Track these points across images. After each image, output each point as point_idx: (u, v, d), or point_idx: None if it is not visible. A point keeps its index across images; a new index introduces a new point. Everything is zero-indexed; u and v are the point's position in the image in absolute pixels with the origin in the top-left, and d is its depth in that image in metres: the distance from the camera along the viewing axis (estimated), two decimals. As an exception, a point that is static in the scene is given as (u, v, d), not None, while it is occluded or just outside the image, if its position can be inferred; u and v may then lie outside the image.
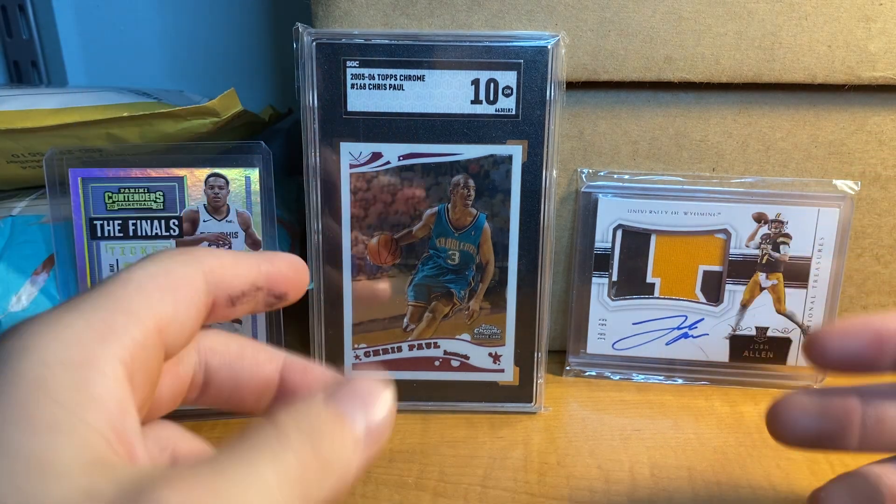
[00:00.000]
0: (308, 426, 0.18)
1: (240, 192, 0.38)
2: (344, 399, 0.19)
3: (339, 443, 0.18)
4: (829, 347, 0.26)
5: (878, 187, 0.42)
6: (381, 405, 0.19)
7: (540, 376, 0.41)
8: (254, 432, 0.17)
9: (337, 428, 0.18)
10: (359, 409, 0.19)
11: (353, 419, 0.19)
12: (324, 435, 0.18)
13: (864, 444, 0.26)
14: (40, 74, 0.65)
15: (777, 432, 0.27)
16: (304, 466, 0.17)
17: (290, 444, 0.17)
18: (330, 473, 0.18)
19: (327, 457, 0.18)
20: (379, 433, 0.19)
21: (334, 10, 0.38)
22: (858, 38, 0.38)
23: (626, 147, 0.41)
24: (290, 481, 0.17)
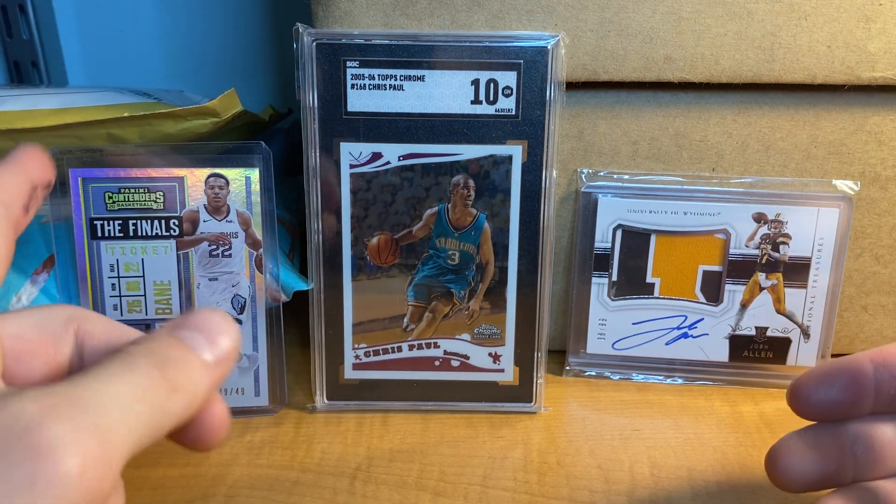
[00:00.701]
0: (155, 352, 0.20)
1: (240, 192, 0.38)
2: (188, 328, 0.21)
3: (186, 365, 0.20)
4: (811, 399, 0.27)
5: (878, 187, 0.42)
6: (226, 333, 0.21)
7: (540, 376, 0.41)
8: (104, 360, 0.19)
9: (182, 353, 0.20)
10: (203, 337, 0.21)
11: (197, 346, 0.21)
12: (170, 359, 0.20)
13: (858, 475, 0.27)
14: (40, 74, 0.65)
15: (779, 481, 0.28)
16: (152, 384, 0.19)
17: (137, 366, 0.19)
18: (179, 391, 0.19)
19: (175, 377, 0.19)
20: (225, 357, 0.21)
21: (334, 10, 0.38)
22: (858, 39, 0.38)
23: (626, 147, 0.41)
24: (140, 394, 0.18)
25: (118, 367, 0.19)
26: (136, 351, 0.19)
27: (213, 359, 0.21)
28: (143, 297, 0.38)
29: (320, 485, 0.35)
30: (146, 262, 0.38)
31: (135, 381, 0.18)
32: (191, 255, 0.38)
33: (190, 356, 0.20)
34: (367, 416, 0.41)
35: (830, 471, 0.27)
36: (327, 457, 0.37)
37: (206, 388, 0.20)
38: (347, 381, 0.41)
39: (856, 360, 0.27)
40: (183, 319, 0.21)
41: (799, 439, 0.28)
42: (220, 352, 0.21)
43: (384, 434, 0.39)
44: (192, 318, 0.21)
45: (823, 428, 0.28)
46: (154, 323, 0.38)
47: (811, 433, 0.28)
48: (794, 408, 0.28)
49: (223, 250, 0.38)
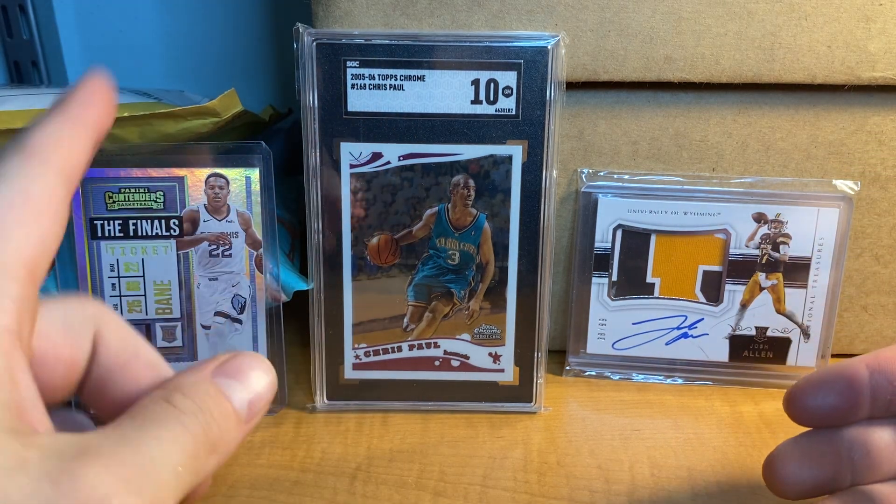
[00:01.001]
0: (203, 410, 0.19)
1: (240, 192, 0.38)
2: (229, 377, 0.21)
3: (226, 425, 0.20)
4: (807, 405, 0.28)
5: (878, 187, 0.42)
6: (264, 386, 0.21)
7: (540, 376, 0.41)
8: (153, 409, 0.19)
9: (224, 411, 0.20)
10: (243, 387, 0.21)
11: (236, 399, 0.20)
12: (214, 419, 0.19)
13: (855, 479, 0.27)
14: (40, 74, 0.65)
15: (777, 489, 0.28)
16: (197, 445, 0.19)
17: (187, 427, 0.19)
18: (217, 450, 0.19)
19: (217, 438, 0.19)
20: (258, 413, 0.21)
21: (334, 10, 0.38)
22: (858, 39, 0.38)
23: (626, 147, 0.41)
24: (187, 459, 0.18)
25: (172, 425, 0.18)
26: (187, 407, 0.19)
27: (248, 415, 0.21)
28: (143, 297, 0.38)
29: (320, 485, 0.35)
30: (146, 262, 0.38)
31: (186, 445, 0.18)
32: (191, 255, 0.38)
33: (230, 414, 0.20)
34: (367, 416, 0.41)
35: (828, 477, 0.27)
36: (327, 457, 0.37)
37: (236, 447, 0.20)
38: (347, 381, 0.41)
39: (851, 366, 0.27)
40: (225, 363, 0.21)
41: (796, 446, 0.28)
42: (255, 412, 0.21)
43: (384, 434, 0.39)
44: (234, 364, 0.21)
45: (820, 434, 0.28)
46: (154, 323, 0.38)
47: (808, 439, 0.28)
48: (791, 414, 0.28)
49: (223, 250, 0.38)
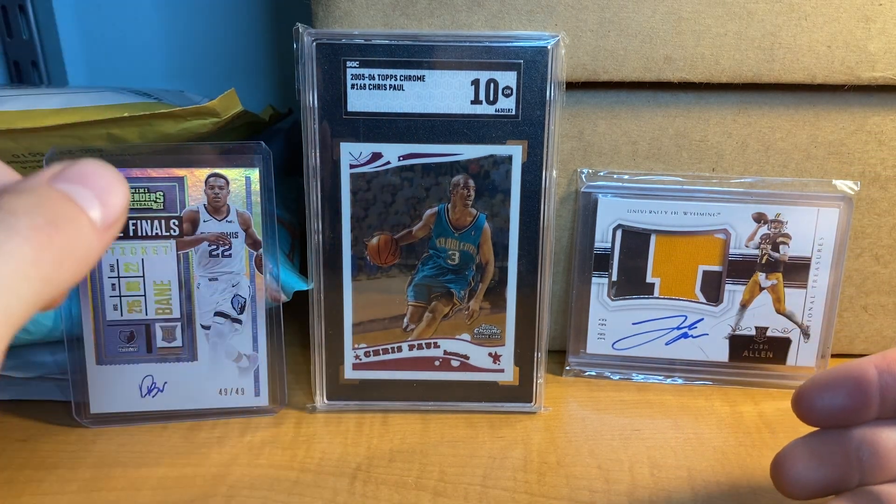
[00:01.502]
0: (39, 211, 0.16)
1: (240, 192, 0.38)
2: (74, 182, 0.18)
3: (75, 229, 0.17)
4: (815, 405, 0.27)
5: (878, 187, 0.42)
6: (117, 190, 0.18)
7: (540, 376, 0.41)
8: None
9: (70, 212, 0.17)
10: (93, 194, 0.18)
11: (86, 204, 0.18)
12: (57, 220, 0.17)
13: (863, 480, 0.27)
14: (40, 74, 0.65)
15: (785, 489, 0.28)
16: (39, 255, 0.16)
17: (20, 231, 0.16)
18: (69, 260, 0.17)
19: (65, 243, 0.17)
20: (116, 219, 0.18)
21: (334, 10, 0.38)
22: (858, 39, 0.38)
23: (626, 147, 0.41)
24: (24, 271, 0.15)
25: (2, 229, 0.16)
26: (17, 208, 0.16)
27: (104, 221, 0.18)
28: (143, 297, 0.38)
29: (320, 485, 0.35)
30: (146, 262, 0.38)
31: (18, 250, 0.15)
32: (191, 255, 0.38)
33: (80, 217, 0.17)
34: (367, 416, 0.41)
35: (836, 477, 0.27)
36: (327, 457, 0.37)
37: (97, 255, 0.18)
38: (347, 381, 0.41)
39: (860, 366, 0.27)
40: (66, 169, 0.18)
41: (804, 446, 0.28)
42: (111, 212, 0.18)
43: (384, 434, 0.39)
44: (76, 168, 0.18)
45: (828, 434, 0.28)
46: (154, 323, 0.38)
47: (816, 440, 0.28)
48: (799, 414, 0.28)
49: (223, 250, 0.38)
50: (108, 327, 0.38)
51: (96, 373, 0.38)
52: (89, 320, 0.38)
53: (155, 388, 0.39)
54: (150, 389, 0.39)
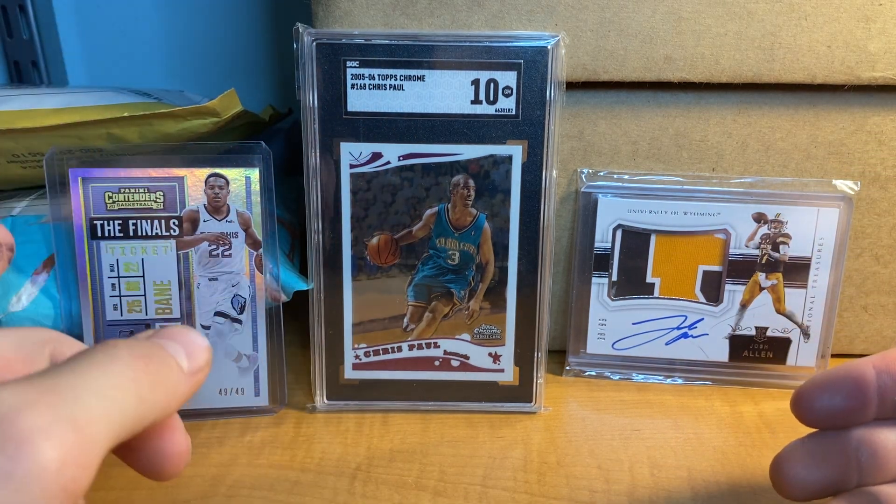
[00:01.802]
0: (137, 347, 0.19)
1: (240, 192, 0.38)
2: (165, 338, 0.21)
3: (166, 364, 0.20)
4: (814, 407, 0.27)
5: (878, 187, 0.42)
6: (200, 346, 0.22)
7: (540, 376, 0.41)
8: (87, 350, 0.19)
9: (163, 353, 0.20)
10: (181, 347, 0.21)
11: (176, 354, 0.21)
12: (152, 354, 0.20)
13: (862, 481, 0.27)
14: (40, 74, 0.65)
15: (784, 490, 0.28)
16: (134, 375, 0.18)
17: (119, 356, 0.19)
18: (159, 385, 0.19)
19: (156, 371, 0.19)
20: (200, 369, 0.22)
21: (334, 10, 0.38)
22: (858, 38, 0.38)
23: (626, 147, 0.41)
24: (121, 384, 0.18)
25: (100, 356, 0.18)
26: (118, 343, 0.19)
27: (190, 369, 0.21)
28: (143, 297, 0.38)
29: (320, 485, 0.35)
30: (146, 262, 0.38)
31: (116, 370, 0.18)
32: (191, 255, 0.38)
33: (170, 359, 0.21)
34: (367, 416, 0.41)
35: (835, 478, 0.27)
36: (327, 457, 0.37)
37: (184, 392, 0.21)
38: (347, 381, 0.41)
39: (858, 367, 0.27)
40: (158, 332, 0.22)
41: (803, 447, 0.28)
42: (196, 364, 0.21)
43: (384, 434, 0.39)
44: (167, 331, 0.22)
45: (827, 435, 0.28)
46: (154, 323, 0.38)
47: (815, 440, 0.28)
48: (798, 415, 0.28)
49: (223, 250, 0.38)
50: (108, 327, 0.38)
51: (96, 373, 0.38)
52: (89, 320, 0.38)
53: (155, 388, 0.39)
54: (150, 389, 0.39)
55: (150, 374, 0.19)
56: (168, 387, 0.20)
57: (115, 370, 0.18)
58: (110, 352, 0.19)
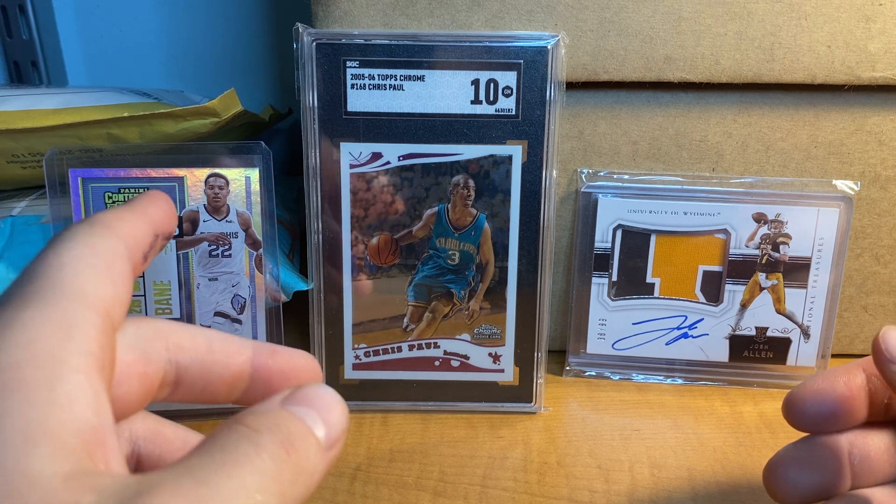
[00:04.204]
0: (279, 429, 0.18)
1: (240, 192, 0.38)
2: (300, 404, 0.19)
3: (306, 447, 0.18)
4: (806, 412, 0.28)
5: (878, 187, 0.42)
6: (338, 413, 0.19)
7: (540, 376, 0.41)
8: (226, 435, 0.17)
9: (302, 431, 0.18)
10: (317, 415, 0.19)
11: (313, 424, 0.19)
12: (294, 437, 0.18)
13: (854, 484, 0.27)
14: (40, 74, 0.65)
15: (778, 495, 0.28)
16: (279, 470, 0.17)
17: (264, 447, 0.17)
18: (301, 477, 0.18)
19: (299, 460, 0.18)
20: (338, 438, 0.19)
21: (334, 10, 0.38)
22: (858, 38, 0.38)
23: (626, 147, 0.41)
24: (268, 485, 0.16)
25: (245, 448, 0.17)
26: (261, 426, 0.17)
27: (328, 440, 0.19)
28: (143, 298, 0.38)
29: (320, 485, 0.35)
30: (146, 262, 0.38)
31: (263, 467, 0.17)
32: (191, 255, 0.38)
33: (309, 436, 0.18)
34: (367, 416, 0.41)
35: (828, 482, 0.27)
36: (327, 457, 0.37)
37: (321, 475, 0.19)
38: (347, 381, 0.41)
39: (848, 371, 0.27)
40: (293, 393, 0.19)
41: (795, 451, 0.28)
42: (334, 435, 0.19)
43: (384, 434, 0.39)
44: (303, 394, 0.19)
45: (819, 439, 0.28)
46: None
47: (807, 445, 0.28)
48: (790, 421, 0.28)
49: (223, 250, 0.38)
50: (108, 327, 0.38)
51: (96, 373, 0.38)
52: (89, 320, 0.38)
53: (155, 388, 0.39)
54: (150, 389, 0.39)
55: (292, 466, 0.17)
56: (308, 474, 0.18)
57: (261, 468, 0.16)
58: (255, 440, 0.17)
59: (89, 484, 0.15)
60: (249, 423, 0.18)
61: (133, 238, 0.21)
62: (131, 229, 0.21)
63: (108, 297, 0.19)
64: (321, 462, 0.19)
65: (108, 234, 0.21)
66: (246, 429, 0.17)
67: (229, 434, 0.17)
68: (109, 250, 0.20)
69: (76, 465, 0.15)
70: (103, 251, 0.20)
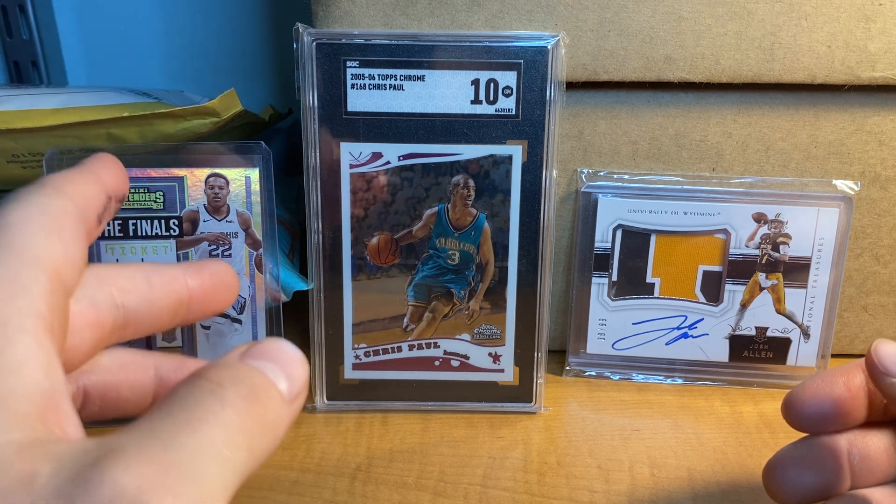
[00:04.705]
0: (241, 382, 0.17)
1: (240, 192, 0.38)
2: (261, 358, 0.19)
3: (270, 399, 0.18)
4: (805, 413, 0.28)
5: (878, 187, 0.42)
6: (299, 366, 0.19)
7: (540, 376, 0.41)
8: (188, 390, 0.17)
9: (265, 384, 0.18)
10: (279, 368, 0.19)
11: (275, 377, 0.18)
12: (258, 390, 0.17)
13: (854, 484, 0.27)
14: (40, 74, 0.65)
15: (776, 495, 0.28)
16: (245, 423, 0.17)
17: (229, 401, 0.16)
18: (267, 429, 0.17)
19: (264, 413, 0.17)
20: (300, 391, 0.19)
21: (334, 10, 0.38)
22: (858, 38, 0.38)
23: (626, 147, 0.41)
24: (235, 439, 0.16)
25: (209, 404, 0.16)
26: (223, 380, 0.17)
27: (290, 393, 0.19)
28: (143, 297, 0.38)
29: (320, 485, 0.35)
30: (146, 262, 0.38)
31: (228, 421, 0.16)
32: (191, 255, 0.38)
33: (272, 389, 0.18)
34: (367, 416, 0.41)
35: (827, 481, 0.27)
36: (327, 457, 0.37)
37: (286, 426, 0.18)
38: (347, 381, 0.41)
39: (847, 371, 0.27)
40: (251, 348, 0.19)
41: (794, 452, 0.28)
42: (296, 387, 0.19)
43: (384, 434, 0.39)
44: (261, 348, 0.19)
45: (818, 439, 0.28)
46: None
47: (806, 445, 0.28)
48: (789, 421, 0.28)
49: (223, 250, 0.38)
50: (108, 327, 0.38)
51: (96, 373, 0.38)
52: (89, 320, 0.38)
53: (155, 388, 0.39)
54: (150, 389, 0.39)
55: (258, 419, 0.17)
56: (274, 427, 0.18)
57: (227, 422, 0.16)
58: (218, 394, 0.17)
59: (46, 451, 0.14)
60: (212, 377, 0.17)
61: (84, 199, 0.21)
62: (82, 190, 0.21)
63: (59, 258, 0.18)
64: (285, 415, 0.18)
65: (57, 194, 0.20)
66: (209, 383, 0.17)
67: (191, 390, 0.17)
68: (59, 210, 0.19)
69: (30, 431, 0.15)
70: (53, 211, 0.19)
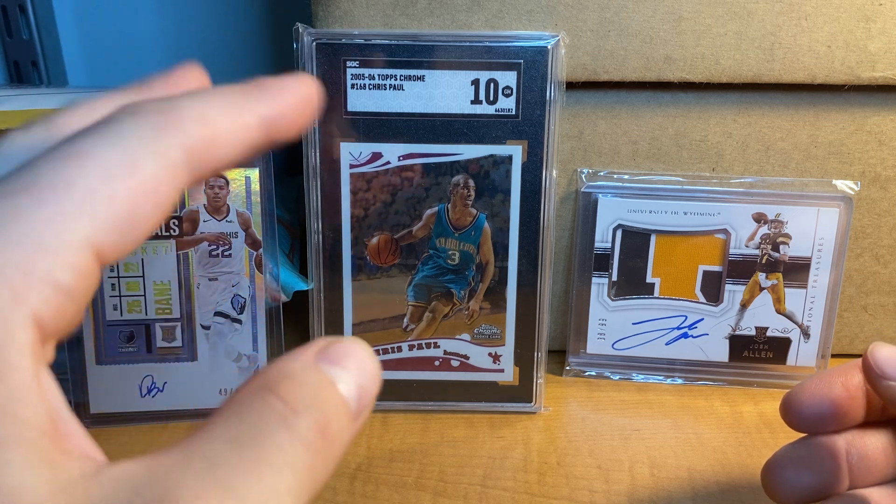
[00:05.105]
0: (316, 407, 0.15)
1: (240, 192, 0.38)
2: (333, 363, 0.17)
3: (341, 424, 0.16)
4: (803, 413, 0.28)
5: (878, 187, 0.42)
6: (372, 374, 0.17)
7: (540, 376, 0.41)
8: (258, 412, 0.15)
9: (339, 406, 0.16)
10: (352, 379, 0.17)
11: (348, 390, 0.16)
12: (331, 417, 0.15)
13: (852, 484, 0.27)
14: (40, 74, 0.65)
15: (775, 495, 0.28)
16: (314, 463, 0.15)
17: (301, 435, 0.15)
18: (331, 463, 0.15)
19: (332, 446, 0.15)
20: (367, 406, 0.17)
21: (334, 10, 0.38)
22: (858, 38, 0.38)
23: (626, 147, 0.41)
24: (301, 483, 0.14)
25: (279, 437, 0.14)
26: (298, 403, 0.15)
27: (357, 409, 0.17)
28: (142, 297, 0.38)
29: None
30: (146, 262, 0.38)
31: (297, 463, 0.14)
32: (191, 255, 0.38)
33: (342, 409, 0.16)
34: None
35: (826, 481, 0.27)
36: (327, 457, 0.37)
37: (346, 448, 0.16)
38: (347, 381, 0.41)
39: (845, 371, 0.27)
40: (329, 347, 0.17)
41: (793, 452, 0.28)
42: (364, 402, 0.17)
43: (384, 434, 0.39)
44: (339, 349, 0.17)
45: (817, 439, 0.28)
46: (154, 323, 0.38)
47: (805, 445, 0.28)
48: (787, 421, 0.28)
49: (223, 250, 0.38)
50: (107, 327, 0.38)
51: (96, 373, 0.38)
52: (89, 320, 0.38)
53: (155, 388, 0.39)
54: (149, 389, 0.39)
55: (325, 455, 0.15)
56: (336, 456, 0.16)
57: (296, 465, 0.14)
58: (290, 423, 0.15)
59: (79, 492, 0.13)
60: (283, 394, 0.15)
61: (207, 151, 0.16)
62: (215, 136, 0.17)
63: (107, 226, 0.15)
64: (349, 435, 0.16)
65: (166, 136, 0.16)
66: (279, 403, 0.15)
67: (261, 410, 0.15)
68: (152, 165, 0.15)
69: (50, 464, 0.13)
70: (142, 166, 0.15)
